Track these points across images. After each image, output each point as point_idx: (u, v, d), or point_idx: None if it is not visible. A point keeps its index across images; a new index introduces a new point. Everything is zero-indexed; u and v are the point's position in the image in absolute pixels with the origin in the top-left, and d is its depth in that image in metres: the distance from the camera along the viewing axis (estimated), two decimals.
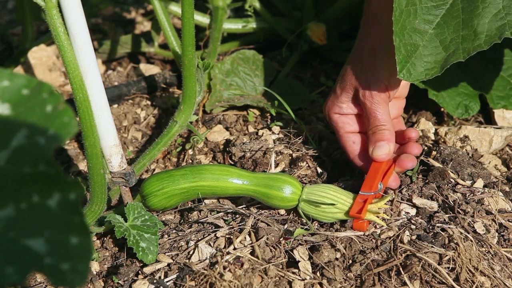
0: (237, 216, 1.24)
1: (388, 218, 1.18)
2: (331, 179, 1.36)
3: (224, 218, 1.24)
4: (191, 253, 1.16)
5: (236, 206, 1.27)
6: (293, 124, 1.52)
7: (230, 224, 1.21)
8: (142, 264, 1.17)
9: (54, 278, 0.57)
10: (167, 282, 1.10)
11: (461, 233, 1.13)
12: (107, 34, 2.18)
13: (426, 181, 1.27)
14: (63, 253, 0.58)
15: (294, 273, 1.09)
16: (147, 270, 1.15)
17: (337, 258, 1.11)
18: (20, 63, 1.87)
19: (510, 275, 1.10)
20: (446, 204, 1.22)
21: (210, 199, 1.31)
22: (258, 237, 1.16)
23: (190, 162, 1.47)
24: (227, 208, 1.25)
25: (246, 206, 1.28)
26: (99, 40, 2.03)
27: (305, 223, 1.20)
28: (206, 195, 1.26)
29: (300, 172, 1.35)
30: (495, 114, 1.54)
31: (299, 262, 1.11)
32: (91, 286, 1.15)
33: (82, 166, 1.54)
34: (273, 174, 1.25)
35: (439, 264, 1.08)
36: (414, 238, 1.14)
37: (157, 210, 1.29)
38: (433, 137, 1.49)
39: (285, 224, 1.21)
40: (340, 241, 1.13)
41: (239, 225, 1.20)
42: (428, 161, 1.34)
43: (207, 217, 1.25)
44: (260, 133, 1.52)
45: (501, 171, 1.40)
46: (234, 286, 1.03)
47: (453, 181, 1.28)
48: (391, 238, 1.14)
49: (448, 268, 1.08)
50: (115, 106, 1.72)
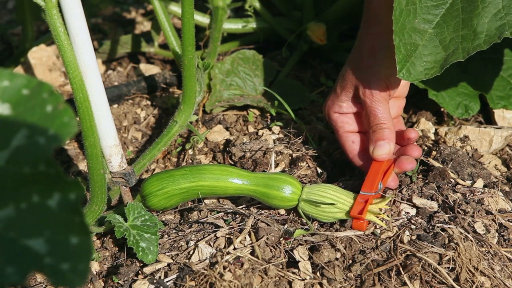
0: (237, 216, 1.24)
1: (388, 219, 1.18)
2: (331, 179, 1.36)
3: (224, 218, 1.24)
4: (191, 253, 1.16)
5: (236, 206, 1.27)
6: (293, 124, 1.52)
7: (230, 224, 1.21)
8: (142, 264, 1.17)
9: (54, 278, 0.57)
10: (167, 282, 1.10)
11: (461, 233, 1.13)
12: (107, 34, 2.18)
13: (426, 181, 1.27)
14: (63, 253, 0.58)
15: (294, 273, 1.09)
16: (147, 270, 1.15)
17: (337, 258, 1.11)
18: (20, 63, 1.87)
19: (510, 275, 1.10)
20: (446, 204, 1.22)
21: (210, 199, 1.31)
22: (258, 237, 1.16)
23: (190, 162, 1.47)
24: (227, 208, 1.25)
25: (246, 206, 1.28)
26: (99, 40, 2.03)
27: (305, 223, 1.20)
28: (206, 195, 1.26)
29: (300, 172, 1.35)
30: (495, 114, 1.54)
31: (299, 262, 1.11)
32: (91, 286, 1.15)
33: (82, 166, 1.54)
34: (273, 174, 1.25)
35: (439, 264, 1.08)
36: (414, 238, 1.14)
37: (157, 210, 1.29)
38: (433, 137, 1.49)
39: (285, 224, 1.21)
40: (340, 241, 1.13)
41: (239, 225, 1.20)
42: (428, 161, 1.34)
43: (207, 217, 1.25)
44: (260, 133, 1.52)
45: (501, 171, 1.40)
46: (234, 286, 1.03)
47: (453, 181, 1.28)
48: (391, 238, 1.14)
49: (448, 268, 1.08)
50: (115, 106, 1.72)
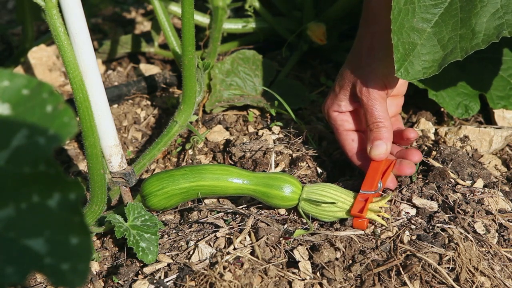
0: (237, 216, 1.24)
1: (388, 217, 1.18)
2: (331, 179, 1.36)
3: (224, 218, 1.24)
4: (191, 253, 1.16)
5: (236, 206, 1.27)
6: (293, 124, 1.52)
7: (230, 224, 1.21)
8: (142, 264, 1.17)
9: (54, 278, 0.57)
10: (167, 282, 1.10)
11: (461, 233, 1.13)
12: (107, 34, 2.18)
13: (426, 181, 1.27)
14: (63, 253, 0.58)
15: (294, 273, 1.09)
16: (147, 270, 1.15)
17: (337, 258, 1.11)
18: (20, 63, 1.87)
19: (510, 275, 1.10)
20: (446, 204, 1.22)
21: (210, 199, 1.31)
22: (258, 237, 1.16)
23: (190, 162, 1.47)
24: (227, 208, 1.25)
25: (246, 206, 1.28)
26: (99, 40, 2.03)
27: (305, 223, 1.20)
28: (206, 195, 1.26)
29: (300, 172, 1.35)
30: (495, 114, 1.54)
31: (299, 262, 1.11)
32: (91, 286, 1.15)
33: (82, 166, 1.54)
34: (273, 174, 1.25)
35: (439, 264, 1.08)
36: (414, 238, 1.14)
37: (157, 210, 1.29)
38: (433, 137, 1.49)
39: (285, 224, 1.21)
40: (340, 240, 1.13)
41: (239, 225, 1.20)
42: (428, 161, 1.34)
43: (207, 217, 1.25)
44: (260, 133, 1.52)
45: (501, 171, 1.40)
46: (234, 286, 1.03)
47: (453, 181, 1.28)
48: (391, 238, 1.14)
49: (448, 268, 1.08)
50: (115, 106, 1.72)
